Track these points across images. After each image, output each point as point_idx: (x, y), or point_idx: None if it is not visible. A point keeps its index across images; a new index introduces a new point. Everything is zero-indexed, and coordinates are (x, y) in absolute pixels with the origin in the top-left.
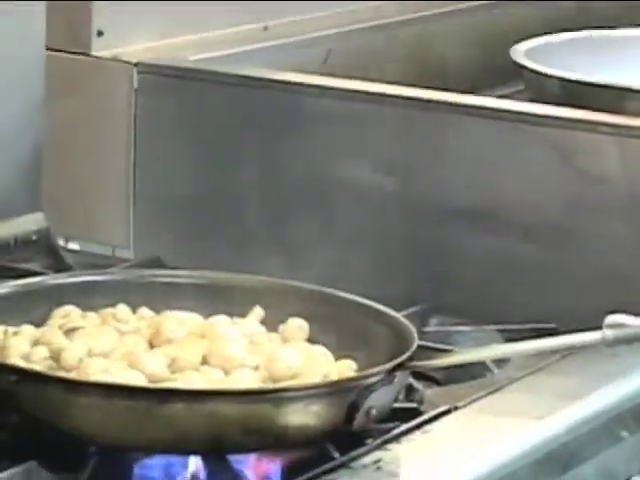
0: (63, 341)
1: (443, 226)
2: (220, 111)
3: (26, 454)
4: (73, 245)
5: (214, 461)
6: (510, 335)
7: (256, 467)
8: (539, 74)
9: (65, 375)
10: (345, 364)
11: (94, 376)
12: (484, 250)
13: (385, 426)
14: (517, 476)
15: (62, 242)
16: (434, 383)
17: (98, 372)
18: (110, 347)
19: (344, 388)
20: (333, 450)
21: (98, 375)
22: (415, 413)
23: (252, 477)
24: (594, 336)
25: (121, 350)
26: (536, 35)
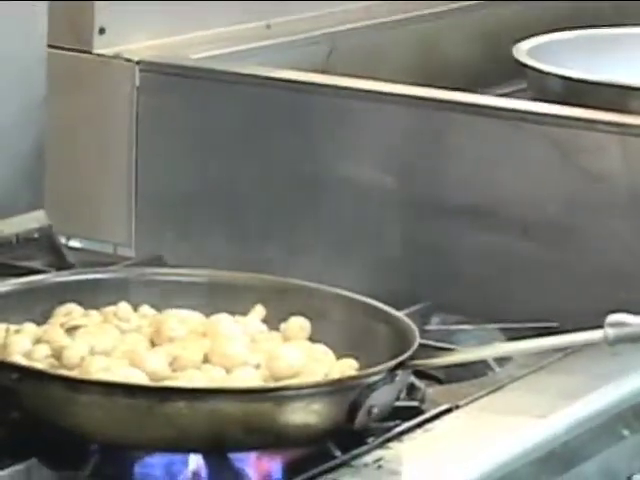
0: (65, 339)
1: (444, 224)
2: (222, 109)
3: (27, 452)
4: (75, 243)
5: (215, 459)
6: (511, 334)
7: (257, 465)
8: (541, 72)
9: (67, 373)
10: (346, 363)
11: (95, 374)
12: (485, 248)
13: (386, 425)
14: (518, 474)
15: (64, 240)
16: (435, 382)
17: (99, 370)
18: (112, 345)
19: (345, 387)
20: (334, 449)
21: (99, 373)
22: (416, 412)
23: (253, 475)
24: (596, 335)
25: (122, 348)
26: (538, 33)
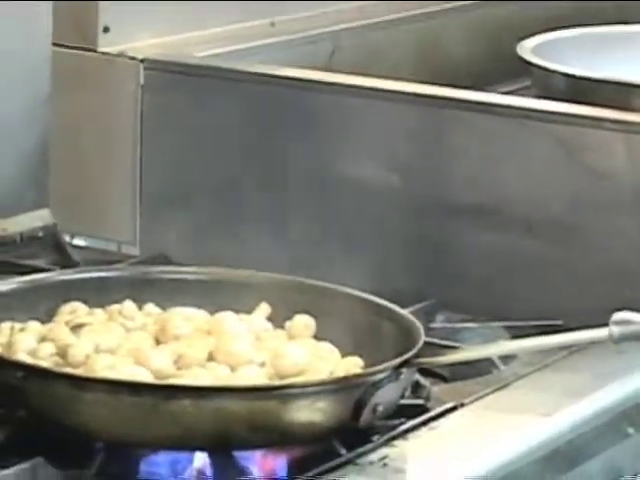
0: (70, 337)
1: (449, 222)
2: (226, 107)
3: (32, 450)
4: (79, 241)
5: (220, 457)
6: (516, 332)
7: (262, 463)
8: (546, 70)
9: (72, 371)
10: (351, 361)
11: (100, 372)
12: (490, 246)
13: (391, 423)
14: (523, 473)
15: (68, 238)
16: (440, 380)
17: (104, 368)
18: (116, 343)
19: (350, 385)
20: (339, 447)
21: (104, 371)
22: (421, 410)
23: (258, 473)
24: (601, 333)
25: (127, 346)
26: (543, 31)
